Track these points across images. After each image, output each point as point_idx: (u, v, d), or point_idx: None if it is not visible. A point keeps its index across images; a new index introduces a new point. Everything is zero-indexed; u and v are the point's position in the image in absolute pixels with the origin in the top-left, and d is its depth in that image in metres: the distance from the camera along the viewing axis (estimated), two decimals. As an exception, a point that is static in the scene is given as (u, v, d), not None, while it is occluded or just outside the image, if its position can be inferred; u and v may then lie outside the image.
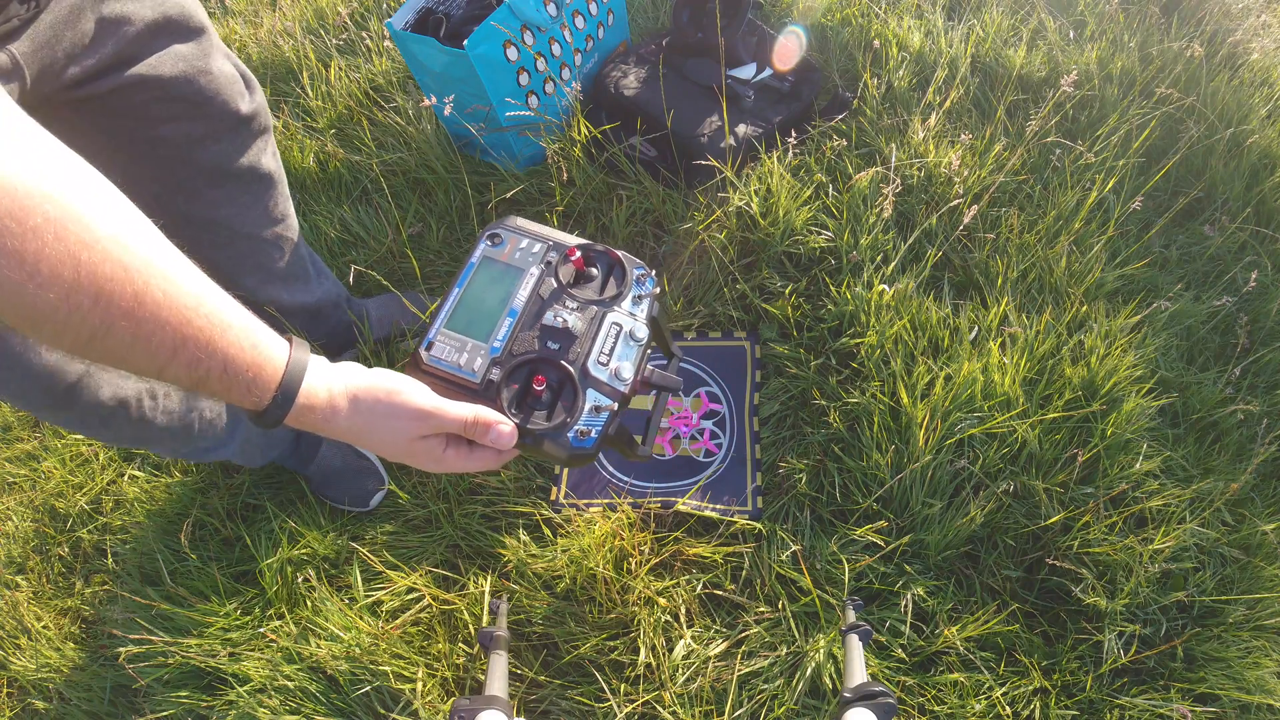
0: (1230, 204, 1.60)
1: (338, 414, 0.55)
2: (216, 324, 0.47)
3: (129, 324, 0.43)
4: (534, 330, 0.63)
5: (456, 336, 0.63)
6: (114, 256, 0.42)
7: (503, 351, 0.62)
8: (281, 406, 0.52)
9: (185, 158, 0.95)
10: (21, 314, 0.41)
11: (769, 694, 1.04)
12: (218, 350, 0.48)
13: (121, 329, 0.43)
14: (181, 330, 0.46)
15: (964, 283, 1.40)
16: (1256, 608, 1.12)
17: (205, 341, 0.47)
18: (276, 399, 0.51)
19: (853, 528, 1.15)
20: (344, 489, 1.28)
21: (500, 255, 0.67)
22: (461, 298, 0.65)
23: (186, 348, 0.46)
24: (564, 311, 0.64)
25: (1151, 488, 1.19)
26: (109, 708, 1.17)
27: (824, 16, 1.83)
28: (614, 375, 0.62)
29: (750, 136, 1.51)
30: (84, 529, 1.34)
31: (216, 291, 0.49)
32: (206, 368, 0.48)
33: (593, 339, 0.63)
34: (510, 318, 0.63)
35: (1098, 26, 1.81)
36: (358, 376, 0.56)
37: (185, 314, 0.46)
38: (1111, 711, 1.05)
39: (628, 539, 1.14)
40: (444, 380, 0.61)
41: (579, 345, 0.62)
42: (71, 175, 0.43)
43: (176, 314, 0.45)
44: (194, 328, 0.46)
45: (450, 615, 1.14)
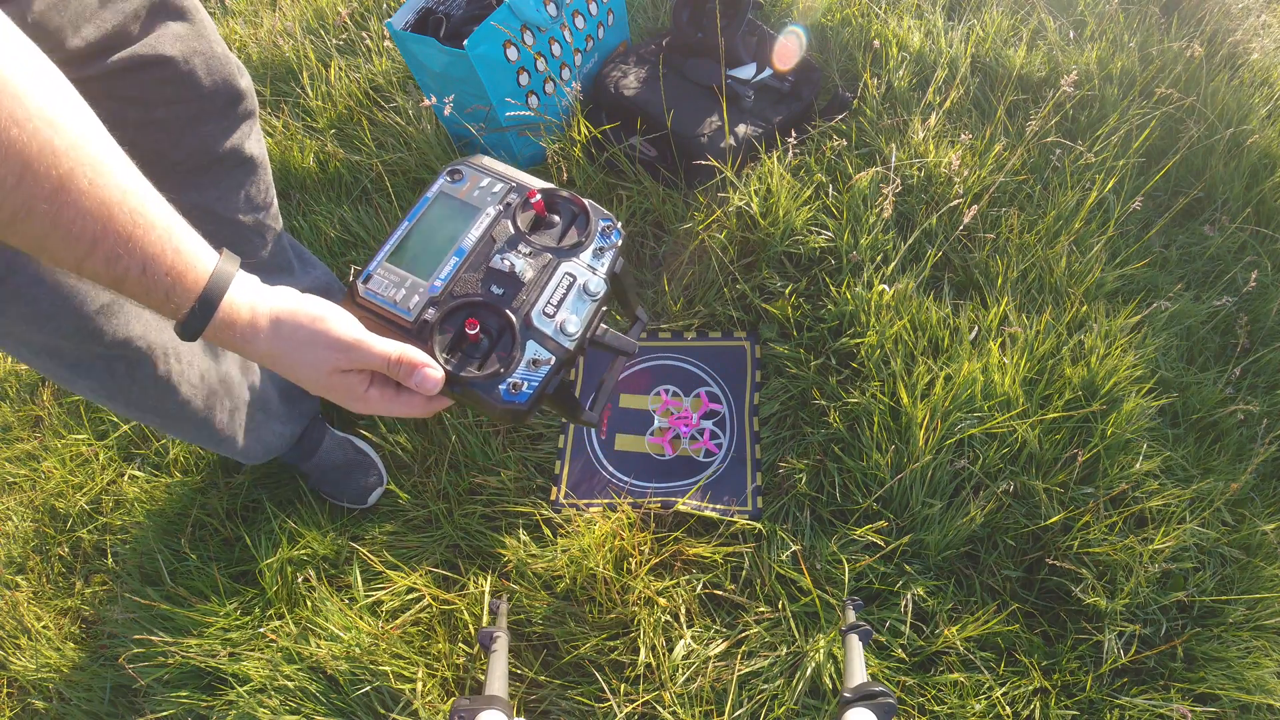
0: (1230, 204, 1.60)
1: (258, 334, 0.52)
2: (140, 221, 0.46)
3: (49, 208, 0.42)
4: (479, 273, 0.58)
5: (398, 271, 0.59)
6: (43, 136, 0.41)
7: (442, 291, 0.58)
8: (200, 318, 0.50)
9: (175, 141, 0.93)
10: None
11: (769, 694, 1.04)
12: (137, 248, 0.46)
13: (42, 212, 0.42)
14: (103, 222, 0.44)
15: (964, 283, 1.40)
16: (1256, 608, 1.12)
17: (126, 237, 0.46)
18: (194, 309, 0.49)
19: (853, 528, 1.15)
20: (343, 486, 1.28)
21: (458, 192, 0.63)
22: (410, 232, 0.61)
23: (106, 240, 0.45)
24: (514, 256, 0.59)
25: (1151, 488, 1.19)
26: (109, 708, 1.17)
27: (824, 16, 1.83)
28: (559, 329, 0.58)
29: (750, 136, 1.51)
30: (84, 529, 1.34)
31: (148, 190, 0.47)
32: (125, 265, 0.46)
33: (541, 288, 0.59)
34: (457, 257, 0.59)
35: (1098, 26, 1.81)
36: (285, 300, 0.54)
37: (108, 207, 0.44)
38: (1111, 711, 1.05)
39: (628, 539, 1.14)
40: (377, 315, 0.57)
41: (525, 293, 0.58)
42: (9, 48, 0.41)
43: (99, 205, 0.44)
44: (116, 222, 0.45)
45: (450, 615, 1.14)
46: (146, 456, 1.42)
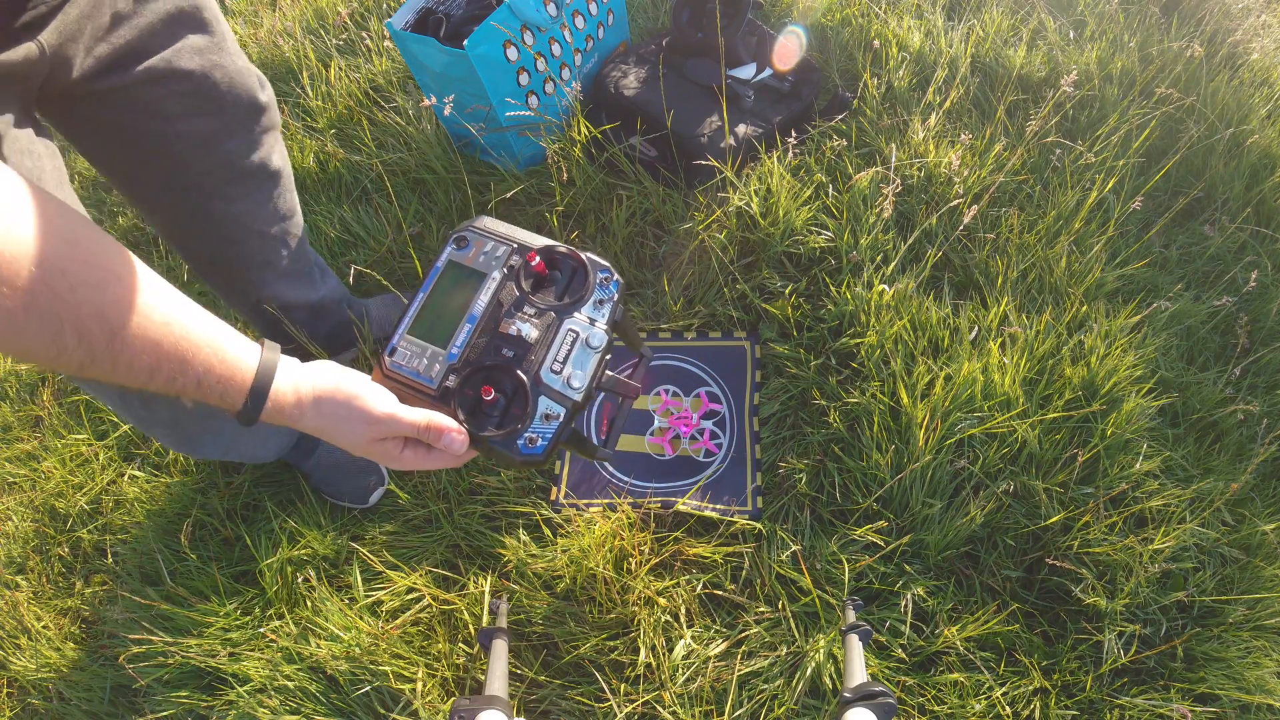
0: (1230, 204, 1.60)
1: (304, 414, 0.59)
2: (187, 345, 0.53)
3: (109, 354, 0.50)
4: (491, 337, 0.64)
5: (418, 342, 0.64)
6: (91, 301, 0.48)
7: (459, 359, 0.63)
8: (254, 408, 0.57)
9: (199, 155, 0.95)
10: (20, 354, 0.48)
11: (769, 694, 1.04)
12: (189, 367, 0.53)
13: (104, 358, 0.49)
14: (155, 355, 0.52)
15: (964, 283, 1.40)
16: (1256, 608, 1.12)
17: (178, 360, 0.53)
18: (248, 403, 0.56)
19: (853, 528, 1.15)
20: (343, 485, 1.28)
21: (465, 259, 0.67)
22: (425, 303, 0.66)
23: (161, 368, 0.52)
24: (520, 320, 0.64)
25: (1151, 488, 1.19)
26: (109, 708, 1.17)
27: (824, 16, 1.83)
28: (566, 383, 0.62)
29: (750, 136, 1.51)
30: (84, 529, 1.34)
31: (188, 310, 0.54)
32: (182, 382, 0.54)
33: (548, 346, 0.64)
34: (469, 324, 0.64)
35: (1098, 26, 1.81)
36: (324, 378, 0.60)
37: (157, 342, 0.52)
38: (1111, 711, 1.05)
39: (628, 539, 1.14)
40: (405, 386, 0.63)
41: (534, 353, 0.63)
42: (51, 228, 0.47)
43: (149, 343, 0.51)
44: (166, 351, 0.52)
45: (450, 615, 1.14)
46: (146, 456, 1.42)
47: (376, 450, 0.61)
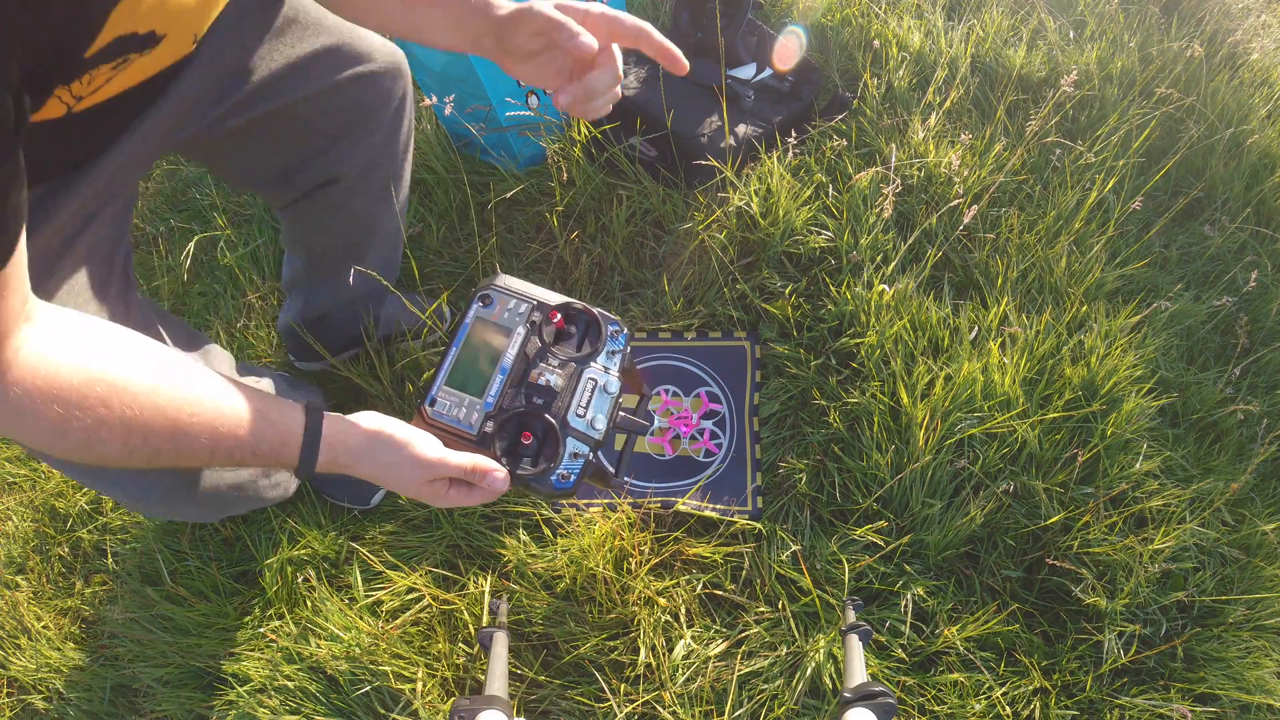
0: (1230, 204, 1.60)
1: (359, 461, 0.66)
2: (239, 426, 0.61)
3: (172, 446, 0.58)
4: (521, 387, 0.73)
5: (455, 393, 0.72)
6: (152, 404, 0.56)
7: (495, 406, 0.72)
8: (308, 464, 0.64)
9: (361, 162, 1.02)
10: (92, 459, 0.56)
11: (769, 694, 1.04)
12: (244, 442, 0.61)
13: (168, 451, 0.58)
14: (212, 437, 0.59)
15: (964, 283, 1.40)
16: (1256, 608, 1.12)
17: (234, 440, 0.60)
18: (303, 458, 0.63)
19: (853, 528, 1.15)
20: (345, 487, 1.28)
21: (491, 316, 0.76)
22: (458, 357, 0.74)
23: (220, 448, 0.60)
24: (547, 371, 0.73)
25: (1151, 488, 1.19)
26: (109, 708, 1.17)
27: (824, 16, 1.83)
28: (589, 424, 0.72)
29: (750, 136, 1.51)
30: (84, 529, 1.34)
31: (233, 395, 0.61)
32: (240, 455, 0.61)
33: (572, 393, 0.73)
34: (501, 375, 0.73)
35: (1098, 26, 1.81)
36: (376, 426, 0.67)
37: (213, 425, 0.59)
38: (1111, 711, 1.05)
39: (628, 539, 1.14)
40: (447, 432, 0.71)
41: (560, 400, 0.72)
42: (112, 349, 0.56)
43: (206, 430, 0.59)
44: (221, 434, 0.60)
45: (450, 615, 1.14)
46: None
47: (426, 491, 0.67)
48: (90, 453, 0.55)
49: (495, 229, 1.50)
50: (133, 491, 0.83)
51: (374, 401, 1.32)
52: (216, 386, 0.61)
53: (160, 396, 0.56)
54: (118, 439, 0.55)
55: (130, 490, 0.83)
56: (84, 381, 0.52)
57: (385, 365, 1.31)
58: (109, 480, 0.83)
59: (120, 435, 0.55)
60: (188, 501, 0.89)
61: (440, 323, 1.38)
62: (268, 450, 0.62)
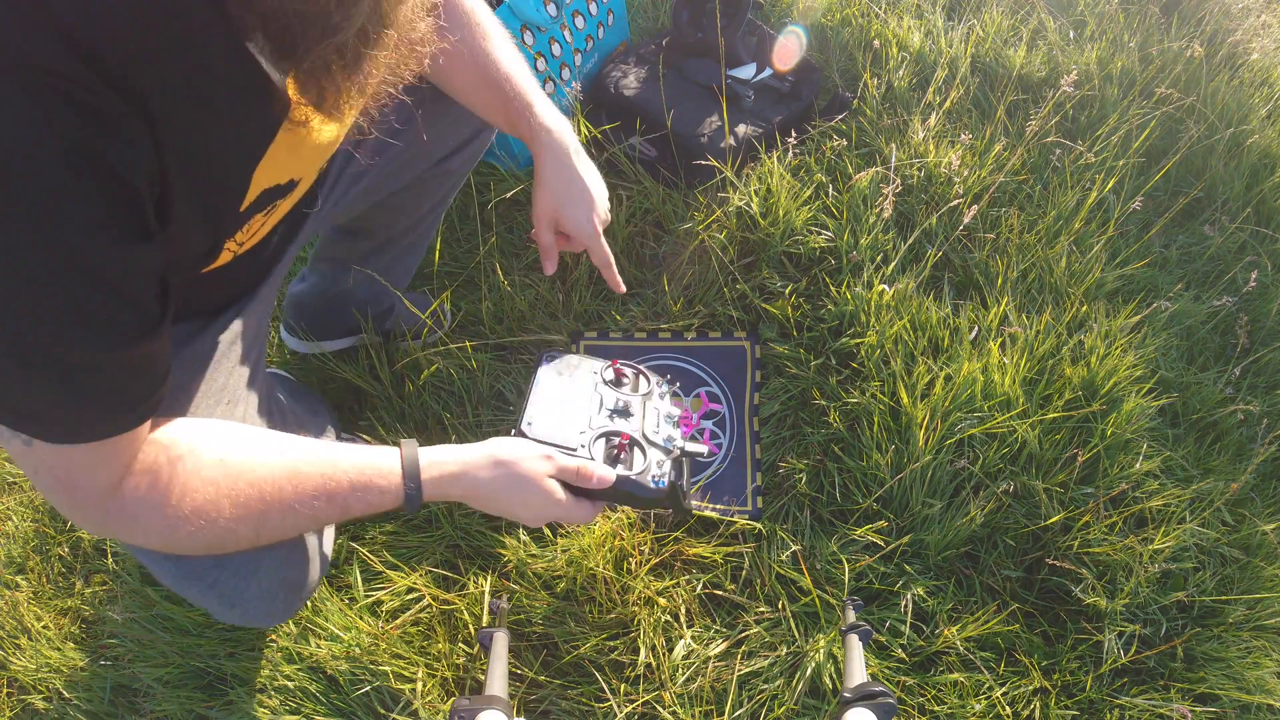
0: (1230, 204, 1.60)
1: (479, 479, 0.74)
2: (341, 486, 0.67)
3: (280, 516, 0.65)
4: (604, 412, 0.87)
5: (548, 420, 0.84)
6: (259, 478, 0.64)
7: (587, 427, 0.85)
8: (415, 500, 0.71)
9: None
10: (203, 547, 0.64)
11: (769, 694, 1.04)
12: (351, 501, 0.68)
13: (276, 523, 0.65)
14: (323, 498, 0.66)
15: (964, 283, 1.40)
16: (1256, 608, 1.12)
17: (340, 500, 0.67)
18: (408, 496, 0.70)
19: (853, 528, 1.15)
20: None
21: (561, 369, 0.92)
22: (540, 391, 0.88)
23: (331, 508, 0.67)
24: (624, 398, 0.90)
25: (1151, 488, 1.19)
26: (109, 708, 1.17)
27: (824, 16, 1.83)
28: (666, 440, 0.87)
29: (750, 136, 1.51)
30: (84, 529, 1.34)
31: (329, 458, 0.68)
32: (352, 511, 0.69)
33: (644, 417, 0.88)
34: (584, 402, 0.88)
35: (1098, 26, 1.81)
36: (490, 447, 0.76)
37: (323, 488, 0.67)
38: (1111, 711, 1.05)
39: (628, 539, 1.14)
40: (548, 446, 0.81)
41: (637, 422, 0.88)
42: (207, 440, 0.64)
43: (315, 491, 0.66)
44: (325, 496, 0.67)
45: (450, 615, 1.14)
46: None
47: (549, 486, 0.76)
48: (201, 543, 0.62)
49: (495, 229, 1.50)
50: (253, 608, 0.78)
51: (374, 401, 1.32)
52: (313, 448, 0.69)
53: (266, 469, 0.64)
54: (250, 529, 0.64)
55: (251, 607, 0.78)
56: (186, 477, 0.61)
57: (385, 365, 1.31)
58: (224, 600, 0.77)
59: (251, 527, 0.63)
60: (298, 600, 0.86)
61: (440, 322, 1.38)
62: (374, 500, 0.69)
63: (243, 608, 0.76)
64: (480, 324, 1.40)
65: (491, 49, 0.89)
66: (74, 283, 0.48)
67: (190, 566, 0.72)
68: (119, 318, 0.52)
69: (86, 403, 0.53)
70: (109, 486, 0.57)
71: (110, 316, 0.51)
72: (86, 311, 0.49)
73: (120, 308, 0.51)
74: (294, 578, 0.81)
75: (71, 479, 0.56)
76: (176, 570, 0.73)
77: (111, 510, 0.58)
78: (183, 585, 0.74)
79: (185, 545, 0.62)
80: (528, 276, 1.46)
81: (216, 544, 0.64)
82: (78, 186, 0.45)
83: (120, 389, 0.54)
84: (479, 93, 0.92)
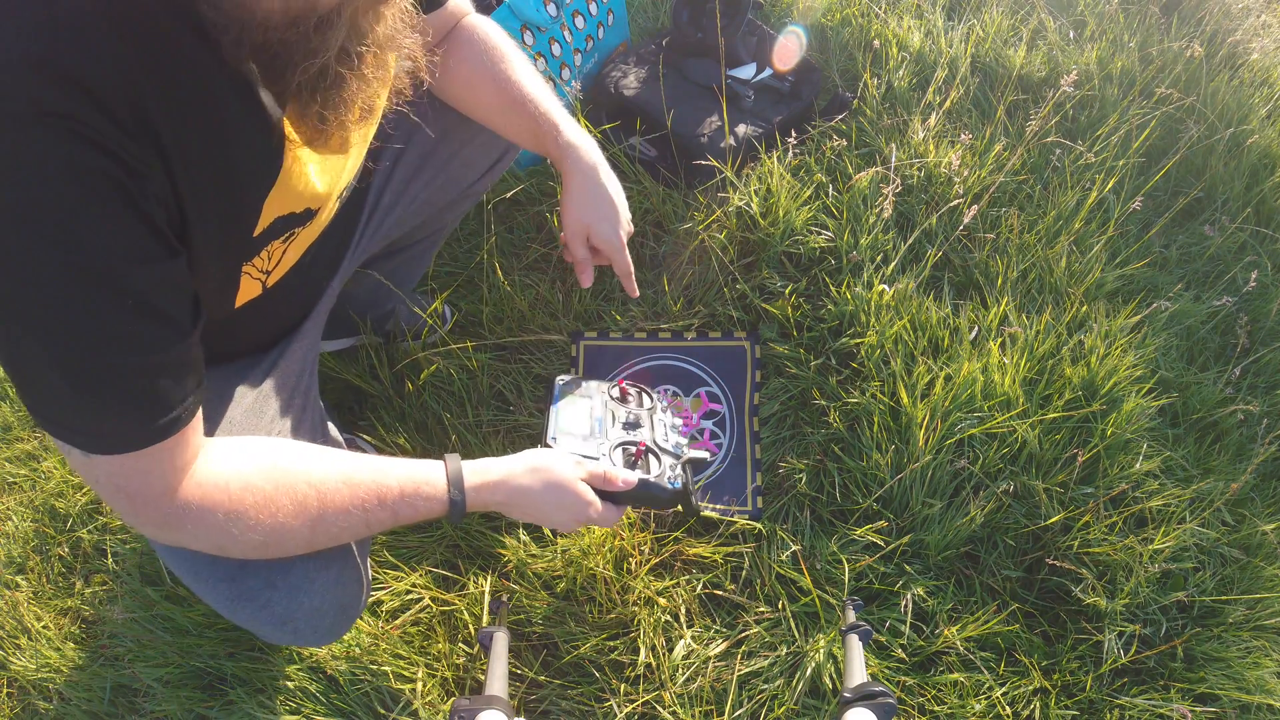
0: (1230, 204, 1.60)
1: (519, 486, 0.79)
2: (392, 491, 0.72)
3: (323, 520, 0.69)
4: (618, 426, 0.95)
5: (569, 435, 0.91)
6: (301, 486, 0.68)
7: (604, 439, 0.92)
8: (458, 510, 0.75)
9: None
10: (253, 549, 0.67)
11: (769, 694, 1.04)
12: (400, 507, 0.72)
13: (320, 528, 0.69)
14: (369, 507, 0.70)
15: (964, 283, 1.40)
16: (1256, 608, 1.12)
17: (390, 505, 0.72)
18: (452, 507, 0.75)
19: (853, 528, 1.15)
20: None
21: (573, 389, 0.99)
22: (559, 410, 0.95)
23: (382, 512, 0.71)
24: (631, 414, 0.98)
25: (1151, 488, 1.19)
26: (109, 708, 1.17)
27: (824, 16, 1.83)
28: (675, 447, 0.95)
29: (750, 136, 1.51)
30: (84, 529, 1.34)
31: (380, 467, 0.73)
32: (394, 521, 0.73)
33: (653, 429, 0.96)
34: (598, 419, 0.95)
35: (1098, 26, 1.81)
36: (526, 457, 0.81)
37: (368, 497, 0.71)
38: (1111, 711, 1.05)
39: (628, 539, 1.14)
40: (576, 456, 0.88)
41: (647, 433, 0.95)
42: (258, 452, 0.69)
43: (354, 501, 0.70)
44: (377, 501, 0.71)
45: (450, 615, 1.14)
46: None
47: (581, 488, 0.81)
48: (251, 543, 0.66)
49: (495, 229, 1.50)
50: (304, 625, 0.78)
51: (374, 401, 1.32)
52: (358, 462, 0.73)
53: (326, 481, 0.69)
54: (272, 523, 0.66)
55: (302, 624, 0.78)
56: (242, 486, 0.65)
57: (385, 365, 1.31)
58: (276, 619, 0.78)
59: (278, 519, 0.66)
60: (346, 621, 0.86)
61: (440, 323, 1.38)
62: (419, 507, 0.73)
63: (294, 625, 0.77)
64: (480, 324, 1.40)
65: (513, 73, 0.93)
66: (106, 302, 0.52)
67: (243, 588, 0.73)
68: (151, 330, 0.56)
69: (129, 411, 0.57)
70: (164, 491, 0.61)
71: (143, 329, 0.55)
72: (120, 326, 0.54)
73: (152, 320, 0.56)
74: (345, 598, 0.82)
75: (128, 486, 0.60)
76: (230, 592, 0.74)
77: (171, 514, 0.62)
78: (234, 607, 0.75)
79: (242, 544, 0.65)
80: (528, 276, 1.46)
81: (274, 543, 0.67)
82: (101, 216, 0.50)
83: (158, 395, 0.58)
84: (504, 115, 0.96)
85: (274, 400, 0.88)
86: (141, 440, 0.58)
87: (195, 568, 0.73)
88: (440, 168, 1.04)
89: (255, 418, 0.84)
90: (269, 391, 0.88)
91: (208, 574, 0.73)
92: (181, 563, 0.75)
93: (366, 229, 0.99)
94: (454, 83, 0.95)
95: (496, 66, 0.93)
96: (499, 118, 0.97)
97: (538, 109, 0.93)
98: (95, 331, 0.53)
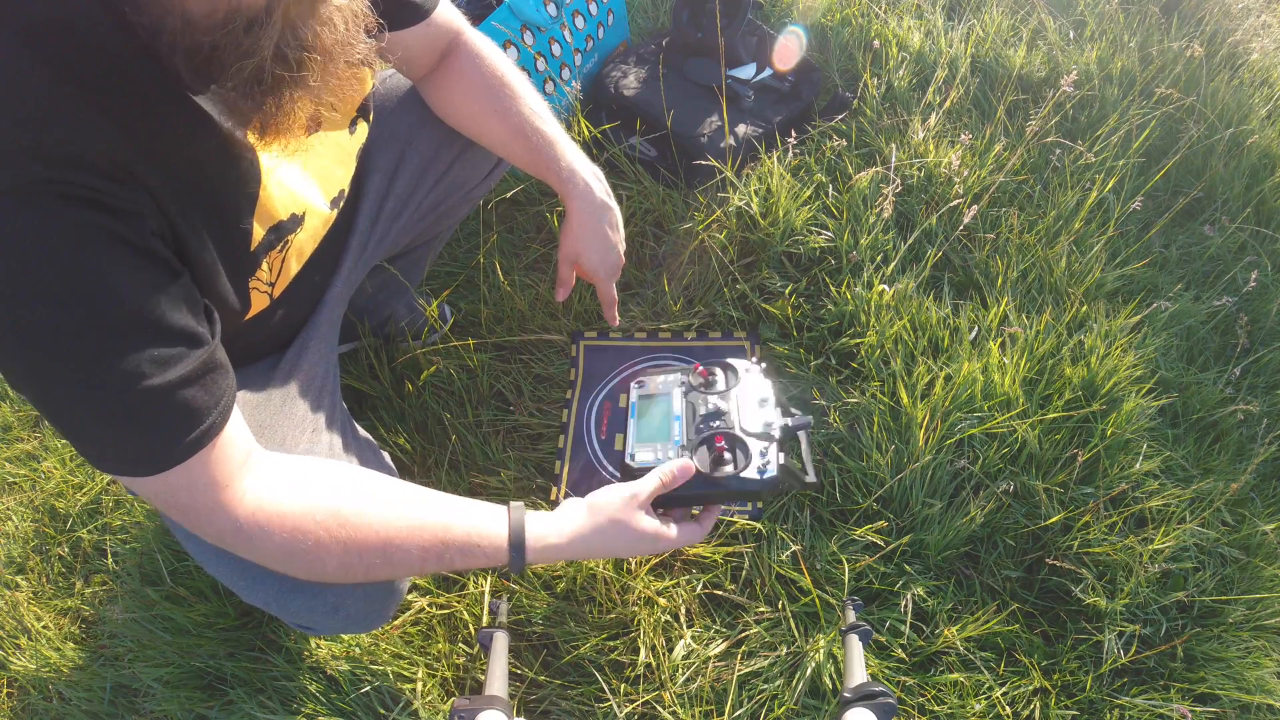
0: (1230, 204, 1.60)
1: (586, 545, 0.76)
2: (444, 539, 0.70)
3: (383, 560, 0.68)
4: (695, 422, 0.88)
5: (648, 445, 0.88)
6: (363, 524, 0.67)
7: (683, 442, 0.87)
8: (518, 562, 0.73)
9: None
10: (314, 576, 0.68)
11: (769, 694, 1.04)
12: (453, 555, 0.70)
13: (378, 566, 0.68)
14: (420, 553, 0.69)
15: (964, 283, 1.40)
16: (1256, 608, 1.12)
17: (439, 552, 0.70)
18: (512, 558, 0.73)
19: (853, 528, 1.15)
20: None
21: (650, 391, 0.95)
22: (639, 422, 0.91)
23: (428, 560, 0.70)
24: (711, 402, 0.89)
25: (1151, 488, 1.19)
26: (109, 708, 1.17)
27: (824, 16, 1.83)
28: (764, 426, 0.85)
29: (750, 136, 1.51)
30: (84, 529, 1.34)
31: (434, 509, 0.72)
32: (449, 565, 0.72)
33: (739, 410, 0.88)
34: (678, 420, 0.90)
35: (1098, 26, 1.81)
36: (586, 504, 0.78)
37: (420, 543, 0.69)
38: (1111, 711, 1.05)
39: (628, 539, 1.14)
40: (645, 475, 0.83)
41: (731, 418, 0.87)
42: (322, 480, 0.70)
43: (414, 544, 0.69)
44: (424, 547, 0.69)
45: (450, 615, 1.14)
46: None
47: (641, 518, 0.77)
48: (313, 572, 0.67)
49: (495, 229, 1.50)
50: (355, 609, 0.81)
51: (374, 401, 1.32)
52: (415, 498, 0.72)
53: (370, 517, 0.68)
54: (336, 558, 0.66)
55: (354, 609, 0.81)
56: (302, 513, 0.65)
57: (385, 366, 1.31)
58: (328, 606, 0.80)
59: (339, 556, 0.66)
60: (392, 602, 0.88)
61: (440, 323, 1.38)
62: (477, 557, 0.71)
63: (346, 610, 0.79)
64: (480, 324, 1.40)
65: (517, 104, 0.95)
66: (129, 341, 0.56)
67: (292, 581, 0.74)
68: (172, 348, 0.58)
69: (162, 431, 0.59)
70: (214, 505, 0.63)
71: (164, 351, 0.58)
72: (144, 356, 0.57)
73: (172, 339, 0.58)
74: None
75: (180, 504, 0.62)
76: (280, 587, 0.75)
77: (226, 531, 0.64)
78: (285, 600, 0.76)
79: (306, 573, 0.68)
80: (528, 276, 1.46)
81: (337, 576, 0.68)
82: (109, 268, 0.54)
83: (189, 408, 0.60)
84: (507, 147, 0.99)
85: (300, 402, 0.89)
86: (179, 455, 0.60)
87: (242, 565, 0.74)
88: (442, 174, 1.06)
89: (285, 419, 0.85)
90: (294, 394, 0.89)
91: (255, 571, 0.73)
92: (224, 564, 0.76)
93: (371, 237, 1.00)
94: (457, 114, 0.98)
95: (500, 100, 0.95)
96: (502, 149, 1.00)
97: (541, 139, 0.96)
98: (123, 372, 0.56)
